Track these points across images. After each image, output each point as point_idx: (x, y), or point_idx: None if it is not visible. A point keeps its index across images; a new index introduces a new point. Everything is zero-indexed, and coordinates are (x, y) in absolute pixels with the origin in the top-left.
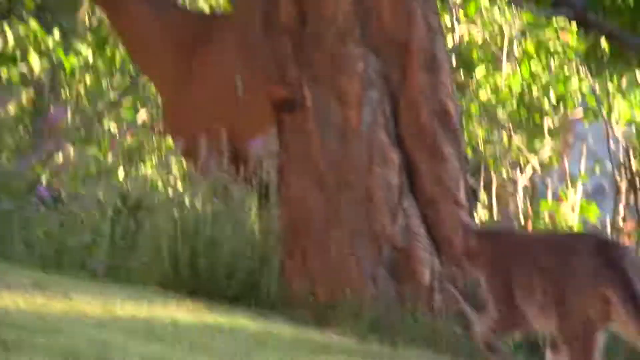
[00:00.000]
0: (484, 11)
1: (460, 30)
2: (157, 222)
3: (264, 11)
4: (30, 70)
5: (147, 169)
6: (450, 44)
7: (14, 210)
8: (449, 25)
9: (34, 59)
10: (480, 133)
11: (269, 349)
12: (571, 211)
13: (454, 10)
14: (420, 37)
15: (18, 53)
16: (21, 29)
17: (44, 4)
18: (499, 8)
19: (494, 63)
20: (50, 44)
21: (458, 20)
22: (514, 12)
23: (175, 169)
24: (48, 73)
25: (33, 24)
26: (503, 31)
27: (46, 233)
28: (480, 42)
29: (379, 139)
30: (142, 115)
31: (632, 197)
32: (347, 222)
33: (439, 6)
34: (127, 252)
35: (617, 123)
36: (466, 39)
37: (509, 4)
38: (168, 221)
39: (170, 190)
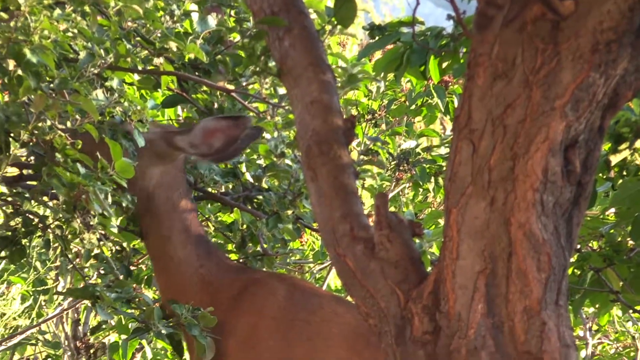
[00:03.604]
0: (616, 323)
1: (592, 341)
2: None
3: (397, 325)
4: None
5: None
6: (582, 357)
7: None
8: (581, 335)
9: None
10: None
11: None
12: None
13: (587, 324)
14: (552, 351)
15: None
16: None
17: None
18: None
19: None
20: None
21: (591, 332)
22: None
23: None
24: None
25: None
26: (637, 344)
27: None
28: (612, 353)
29: None
30: None
31: None
32: None
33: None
34: None
35: None
36: (598, 351)
37: None
38: None
39: None
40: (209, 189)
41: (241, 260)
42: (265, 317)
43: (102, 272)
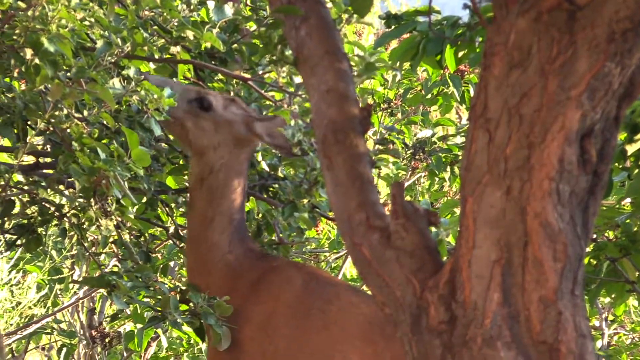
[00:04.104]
0: (632, 313)
1: (608, 332)
2: None
3: (413, 314)
4: None
5: None
6: (598, 347)
7: None
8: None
9: None
10: None
11: None
12: None
13: (603, 314)
14: (568, 341)
15: None
16: None
17: None
18: None
19: None
20: None
21: (607, 322)
22: None
23: None
24: None
25: None
26: None
27: None
28: (628, 343)
29: None
30: None
31: None
32: None
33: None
34: None
35: None
36: (614, 341)
37: None
38: None
39: None
40: None
41: None
42: (281, 305)
43: (120, 257)
